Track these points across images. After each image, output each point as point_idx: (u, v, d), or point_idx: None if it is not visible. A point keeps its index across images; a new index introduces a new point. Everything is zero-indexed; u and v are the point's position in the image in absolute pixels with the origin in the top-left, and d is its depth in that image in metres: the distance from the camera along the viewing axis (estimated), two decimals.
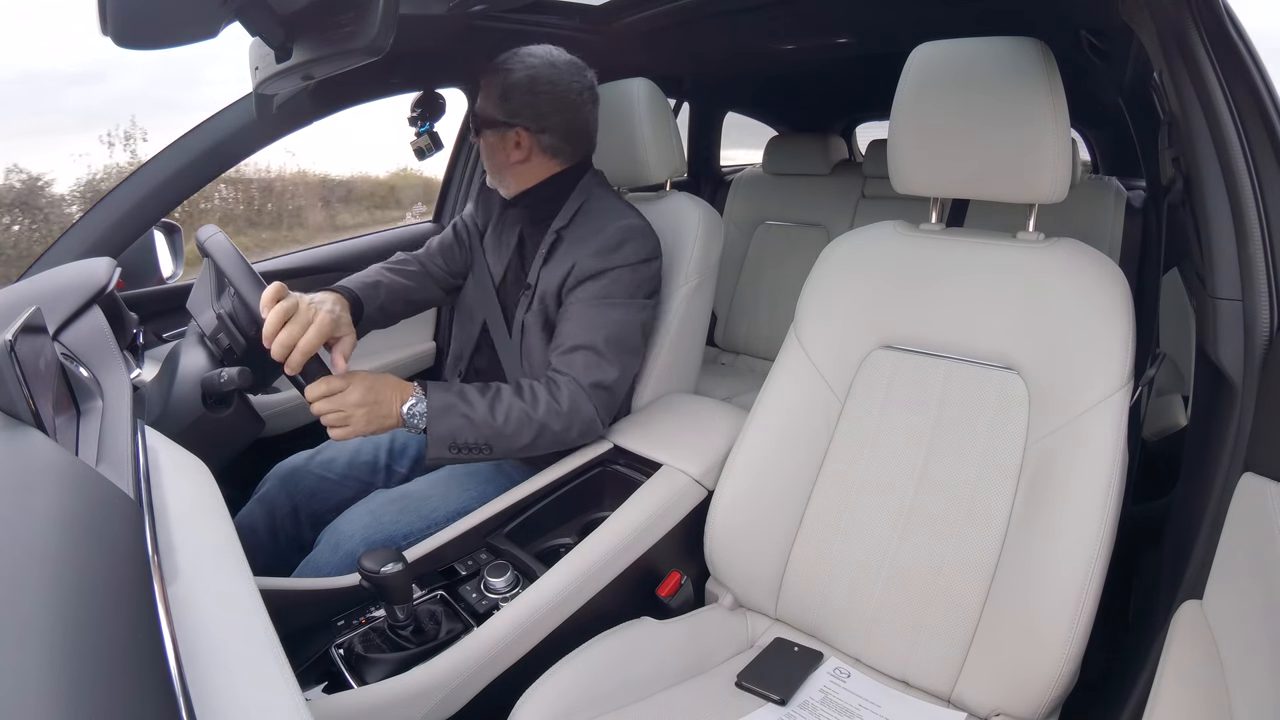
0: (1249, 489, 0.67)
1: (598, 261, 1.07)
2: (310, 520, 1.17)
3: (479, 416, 0.97)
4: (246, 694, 0.41)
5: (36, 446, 0.49)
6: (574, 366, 1.04)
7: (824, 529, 0.97)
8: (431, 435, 0.96)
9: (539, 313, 1.12)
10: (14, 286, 0.97)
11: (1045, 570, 0.78)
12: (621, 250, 1.08)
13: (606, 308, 1.07)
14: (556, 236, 1.12)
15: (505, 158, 1.11)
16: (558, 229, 1.13)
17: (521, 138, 1.09)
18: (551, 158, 1.13)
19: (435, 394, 0.97)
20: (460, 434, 0.96)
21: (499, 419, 0.98)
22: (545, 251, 1.13)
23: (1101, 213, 1.75)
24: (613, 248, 1.07)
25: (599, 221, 1.11)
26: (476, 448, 0.98)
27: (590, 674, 0.82)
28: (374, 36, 0.82)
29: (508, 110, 1.08)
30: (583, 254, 1.08)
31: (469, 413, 0.97)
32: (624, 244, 1.08)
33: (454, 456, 0.98)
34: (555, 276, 1.10)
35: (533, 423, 1.00)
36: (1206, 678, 0.59)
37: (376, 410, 0.93)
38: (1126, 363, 0.80)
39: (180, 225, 1.36)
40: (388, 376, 0.97)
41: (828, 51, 1.80)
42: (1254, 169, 0.77)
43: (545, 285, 1.11)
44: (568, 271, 1.08)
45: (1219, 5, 0.82)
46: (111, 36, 0.81)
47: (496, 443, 0.99)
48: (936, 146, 0.91)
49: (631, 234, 1.09)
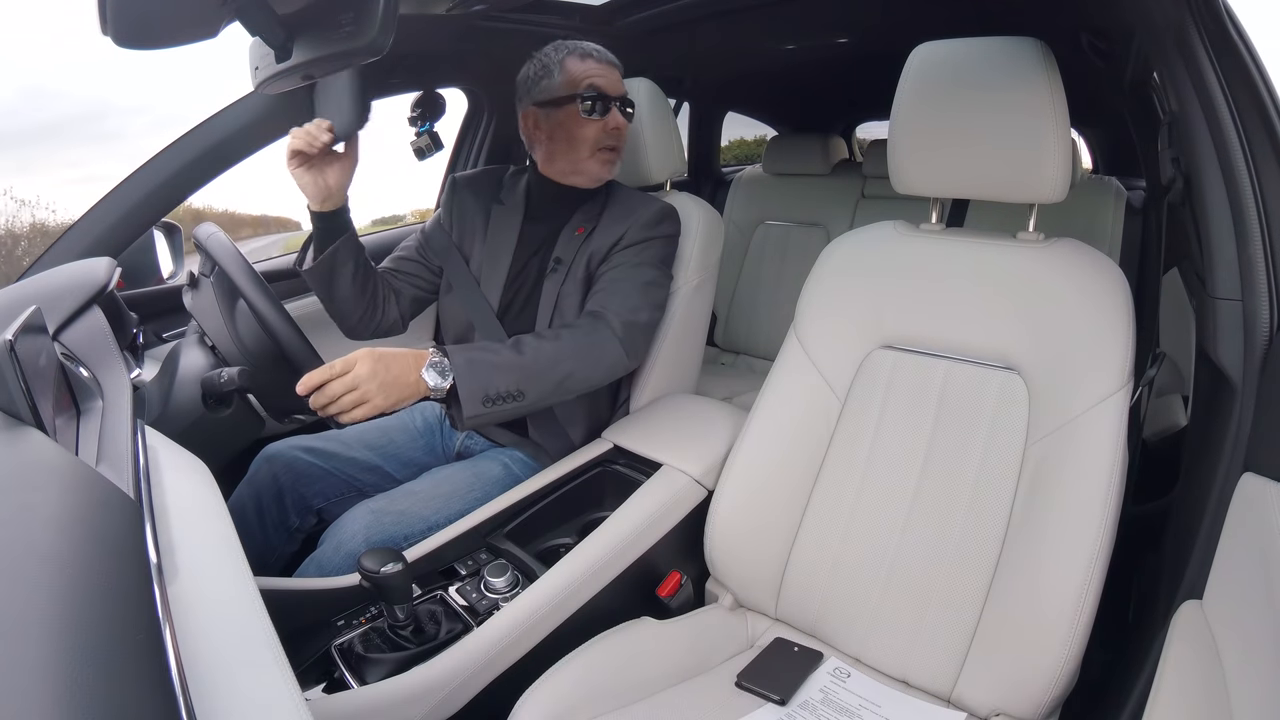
0: (1249, 489, 0.67)
1: (645, 231, 1.16)
2: (295, 504, 1.16)
3: (506, 361, 0.95)
4: (246, 694, 0.41)
5: (36, 446, 0.49)
6: (610, 304, 1.08)
7: (824, 529, 0.97)
8: (464, 393, 0.91)
9: (580, 283, 1.16)
10: (14, 286, 0.97)
11: (1045, 570, 0.78)
12: (662, 225, 1.18)
13: (643, 266, 1.14)
14: (595, 221, 1.19)
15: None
16: (594, 214, 1.19)
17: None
18: None
19: (456, 353, 0.94)
20: (492, 383, 0.93)
21: (526, 359, 0.97)
22: (587, 229, 1.18)
23: (1101, 213, 1.75)
24: (656, 222, 1.17)
25: (639, 203, 1.19)
26: (510, 395, 0.95)
27: (590, 674, 0.82)
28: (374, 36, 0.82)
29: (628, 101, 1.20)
30: (633, 224, 1.16)
31: (495, 360, 0.95)
32: (663, 220, 1.18)
33: (490, 411, 0.94)
34: (603, 245, 1.16)
35: (560, 356, 0.99)
36: (1206, 678, 0.59)
37: (395, 377, 0.89)
38: (1126, 363, 0.80)
39: (180, 225, 1.36)
40: (387, 348, 0.92)
41: (828, 51, 1.80)
42: (1254, 169, 0.77)
43: (589, 253, 1.16)
44: (618, 238, 1.15)
45: (1219, 5, 0.82)
46: (111, 36, 0.81)
47: (529, 385, 0.96)
48: (936, 146, 0.91)
49: (669, 214, 1.20)
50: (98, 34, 0.78)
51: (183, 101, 2.51)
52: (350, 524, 1.03)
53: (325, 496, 1.18)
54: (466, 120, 1.73)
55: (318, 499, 1.18)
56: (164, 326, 1.36)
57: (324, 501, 1.18)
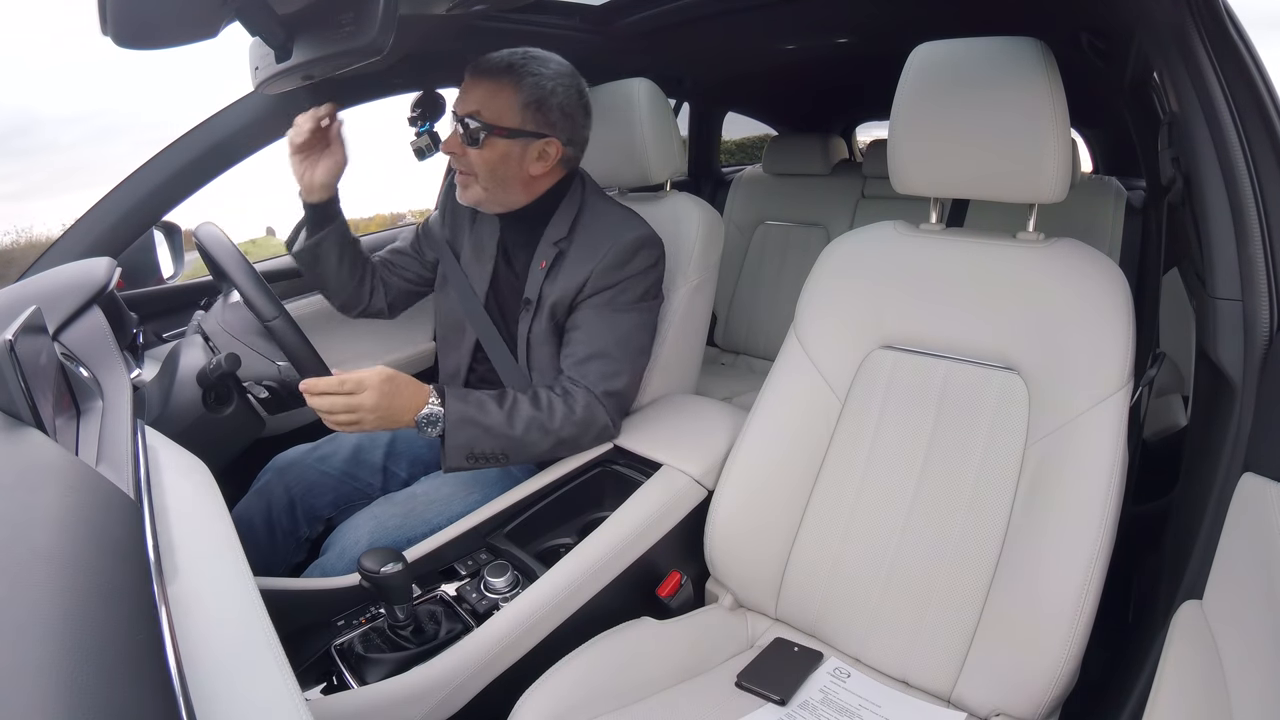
0: (1249, 489, 0.67)
1: (613, 273, 1.06)
2: (306, 514, 1.17)
3: (497, 427, 0.98)
4: (246, 694, 0.41)
5: (36, 446, 0.49)
6: (588, 375, 1.05)
7: (824, 529, 0.97)
8: (449, 445, 0.97)
9: (548, 327, 1.10)
10: (14, 286, 0.97)
11: (1045, 570, 0.78)
12: (633, 262, 1.07)
13: (619, 313, 1.07)
14: (558, 251, 1.09)
15: (520, 169, 1.05)
16: (556, 242, 1.09)
17: (550, 149, 1.05)
18: (564, 168, 1.11)
19: (453, 404, 0.97)
20: (478, 444, 0.98)
21: (517, 430, 0.99)
22: (547, 265, 1.09)
23: (1101, 213, 1.75)
24: (626, 260, 1.06)
25: (605, 231, 1.08)
26: (493, 456, 1.00)
27: (590, 674, 0.82)
28: (374, 36, 0.82)
29: (543, 121, 1.03)
30: (597, 267, 1.06)
31: (487, 424, 0.98)
32: (637, 254, 1.07)
33: (470, 465, 1.00)
34: (567, 289, 1.07)
35: (549, 434, 1.01)
36: (1206, 678, 0.59)
37: (389, 415, 0.93)
38: (1126, 363, 0.80)
39: (180, 225, 1.36)
40: (400, 378, 0.96)
41: (828, 51, 1.80)
42: (1254, 169, 0.77)
43: (553, 300, 1.08)
44: (581, 283, 1.06)
45: (1219, 5, 0.82)
46: (111, 36, 0.81)
47: (514, 452, 1.01)
48: (936, 146, 0.91)
49: (643, 244, 1.08)
50: (97, 36, 0.78)
51: (129, 111, 2.37)
52: (353, 531, 1.03)
53: (335, 505, 1.18)
54: None
55: (328, 508, 1.18)
56: (164, 326, 1.36)
57: (334, 510, 1.18)
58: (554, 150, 1.05)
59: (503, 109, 1.02)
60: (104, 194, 1.20)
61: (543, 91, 1.03)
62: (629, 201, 1.40)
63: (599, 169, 1.37)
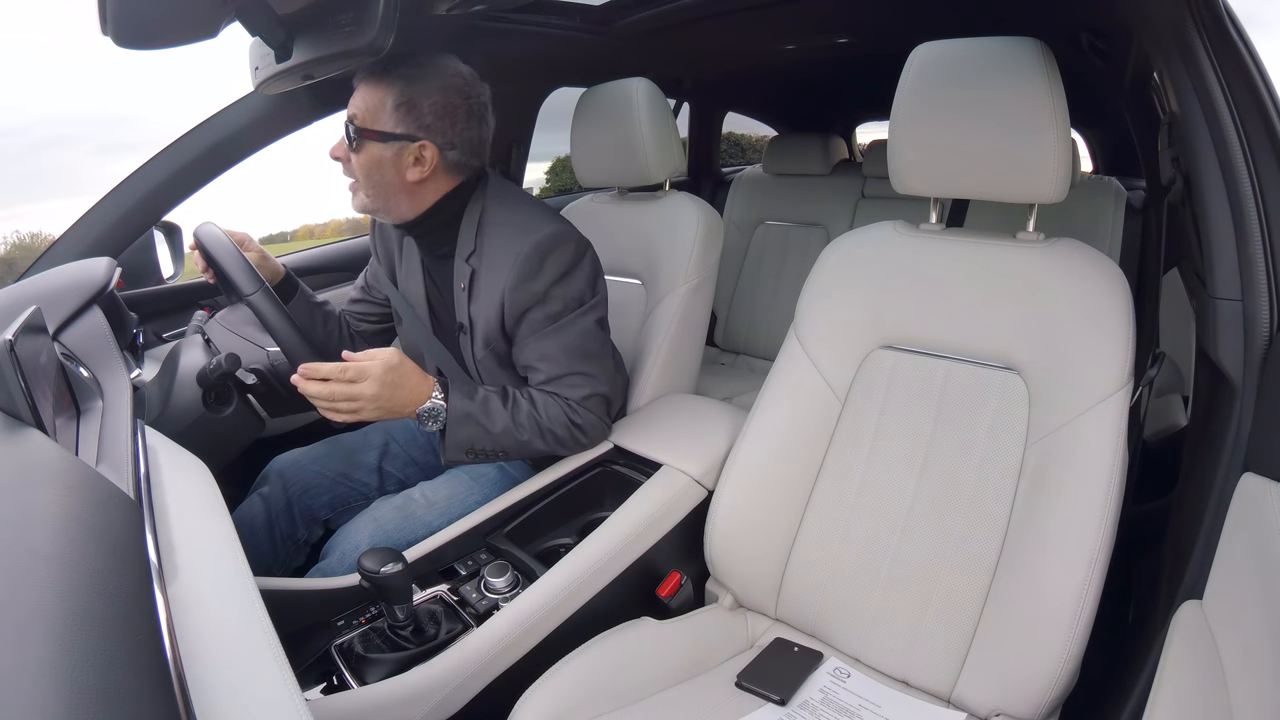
0: (1249, 489, 0.67)
1: (527, 289, 0.99)
2: (304, 516, 1.17)
3: (498, 427, 0.99)
4: (246, 694, 0.41)
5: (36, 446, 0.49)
6: (563, 389, 1.04)
7: (824, 529, 0.97)
8: (449, 440, 0.98)
9: (490, 355, 1.06)
10: (14, 286, 0.97)
11: (1045, 570, 0.78)
12: (545, 269, 0.99)
13: (560, 330, 1.01)
14: (471, 269, 1.03)
15: (397, 176, 0.98)
16: (466, 258, 1.03)
17: (426, 153, 0.97)
18: (453, 175, 1.02)
19: (455, 400, 0.97)
20: (477, 441, 0.99)
21: (517, 428, 1.00)
22: (466, 286, 1.04)
23: (1101, 213, 1.75)
24: (535, 271, 0.98)
25: (508, 239, 1.00)
26: (492, 454, 1.01)
27: (590, 674, 0.82)
28: (374, 36, 0.83)
29: (413, 123, 0.96)
30: (508, 283, 0.98)
31: (488, 424, 0.98)
32: (545, 260, 0.99)
33: (470, 460, 1.01)
34: (490, 314, 1.02)
35: (544, 434, 1.02)
36: (1206, 678, 0.59)
37: (390, 406, 0.92)
38: (1126, 363, 0.80)
39: (180, 225, 1.36)
40: (405, 366, 0.93)
41: (828, 51, 1.80)
42: (1254, 169, 0.77)
43: (483, 325, 1.03)
44: (500, 306, 1.00)
45: (1219, 5, 0.82)
46: (111, 36, 0.81)
47: (514, 451, 1.02)
48: (936, 146, 0.91)
49: (546, 247, 0.99)
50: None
51: (71, 119, 2.26)
52: (353, 535, 1.03)
53: (332, 507, 1.19)
54: None
55: (324, 510, 1.18)
56: (164, 326, 1.36)
57: (330, 512, 1.19)
58: (430, 155, 0.97)
59: (375, 111, 0.96)
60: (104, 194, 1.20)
61: (414, 92, 0.95)
62: (628, 201, 1.40)
63: (599, 169, 1.37)
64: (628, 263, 1.35)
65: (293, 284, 1.19)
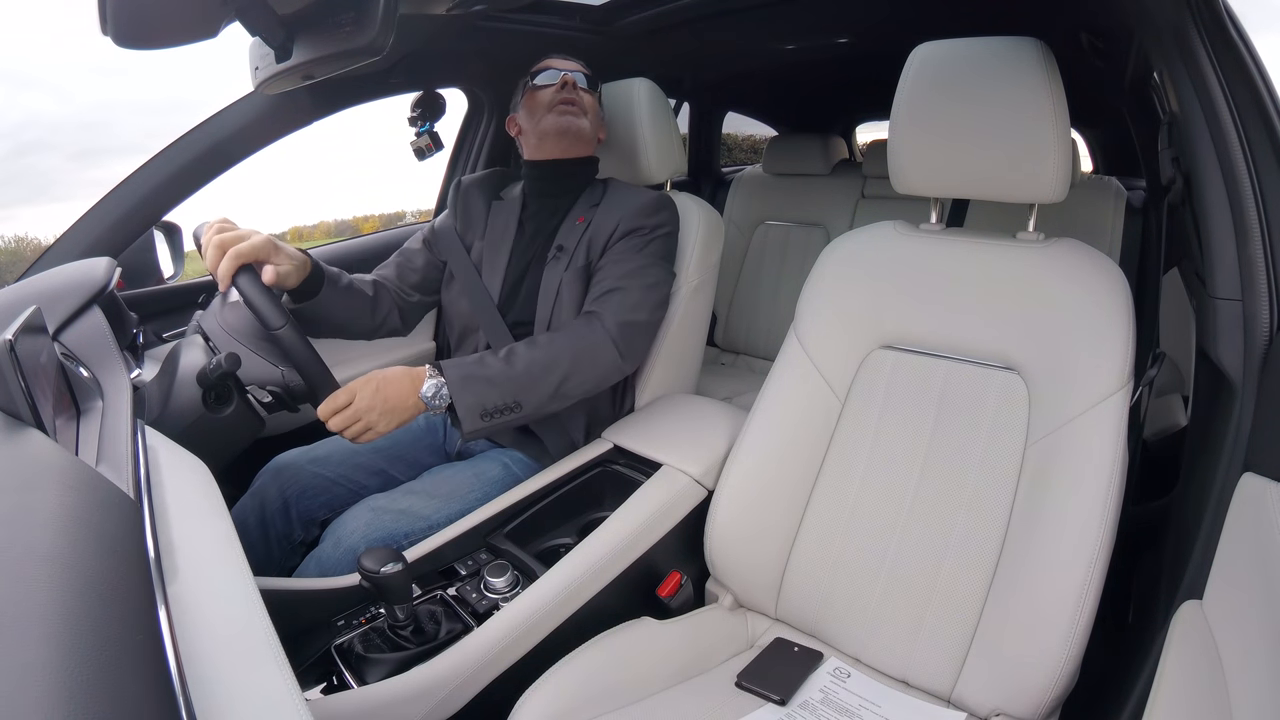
0: (1249, 489, 0.67)
1: (641, 220, 1.15)
2: (301, 517, 1.16)
3: (498, 375, 0.99)
4: (246, 694, 0.41)
5: (36, 446, 0.49)
6: (608, 305, 1.09)
7: (824, 529, 0.97)
8: (460, 409, 0.97)
9: (580, 271, 1.15)
10: (14, 286, 0.97)
11: (1045, 570, 0.78)
12: (660, 214, 1.17)
13: (647, 260, 1.14)
14: (594, 208, 1.19)
15: (596, 123, 1.23)
16: (592, 205, 1.20)
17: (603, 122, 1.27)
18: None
19: (451, 369, 0.98)
20: (488, 398, 0.98)
21: (519, 370, 1.00)
22: (584, 219, 1.18)
23: (1101, 213, 1.75)
24: (653, 210, 1.17)
25: (634, 194, 1.19)
26: (507, 408, 0.99)
27: (590, 674, 0.82)
28: (374, 36, 0.82)
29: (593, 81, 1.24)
30: (628, 211, 1.16)
31: (488, 375, 0.98)
32: (661, 210, 1.18)
33: (489, 424, 0.99)
34: (602, 232, 1.16)
35: (552, 367, 1.02)
36: (1206, 678, 0.59)
37: (392, 404, 0.95)
38: (1126, 363, 0.80)
39: (180, 225, 1.36)
40: (391, 369, 0.98)
41: (828, 51, 1.80)
42: (1254, 169, 0.77)
43: (589, 241, 1.16)
44: (615, 225, 1.15)
45: (1219, 5, 0.82)
46: (111, 36, 0.81)
47: (524, 397, 1.00)
48: (936, 146, 0.91)
49: (665, 203, 1.19)
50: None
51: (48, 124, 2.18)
52: (351, 521, 1.03)
53: (330, 507, 1.18)
54: (466, 120, 1.73)
55: (322, 510, 1.18)
56: (164, 326, 1.36)
57: (328, 512, 1.18)
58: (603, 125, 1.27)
59: (582, 67, 1.23)
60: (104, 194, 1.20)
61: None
62: None
63: (599, 169, 1.37)
64: None
65: (319, 273, 1.14)
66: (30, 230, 3.82)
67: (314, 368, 0.95)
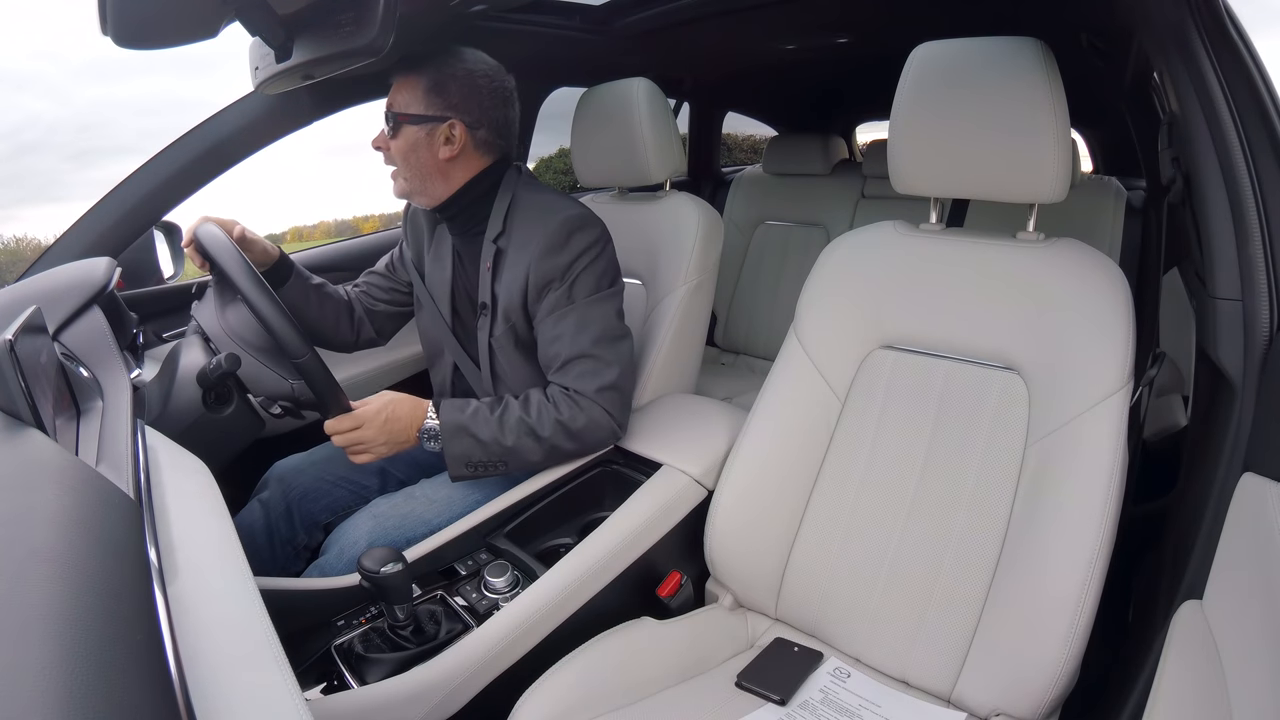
0: (1249, 489, 0.67)
1: (551, 262, 1.03)
2: (304, 521, 1.17)
3: (488, 437, 1.00)
4: (246, 694, 0.41)
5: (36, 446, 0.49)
6: (575, 380, 1.03)
7: (824, 529, 0.97)
8: (449, 456, 1.00)
9: (507, 333, 1.08)
10: (14, 286, 0.97)
11: (1045, 570, 0.78)
12: (570, 244, 1.03)
13: (581, 309, 1.04)
14: (497, 249, 1.07)
15: (430, 156, 1.04)
16: (494, 239, 1.07)
17: (455, 131, 1.03)
18: (483, 155, 1.08)
19: (446, 414, 1.00)
20: (472, 454, 1.00)
21: (509, 440, 1.00)
22: (491, 265, 1.08)
23: (1101, 213, 1.75)
24: (561, 244, 1.03)
25: (536, 219, 1.05)
26: (491, 465, 1.02)
27: (590, 674, 0.82)
28: (374, 36, 0.82)
29: (442, 104, 1.03)
30: (532, 257, 1.03)
31: (479, 434, 1.00)
32: (571, 237, 1.04)
33: (474, 474, 1.02)
34: (513, 289, 1.05)
35: (541, 442, 1.02)
36: (1206, 678, 0.59)
37: (395, 437, 0.99)
38: (1126, 363, 0.80)
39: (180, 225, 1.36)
40: (401, 399, 1.00)
41: (828, 51, 1.80)
42: (1254, 169, 0.77)
43: (505, 301, 1.07)
44: (524, 281, 1.04)
45: (1219, 5, 0.82)
46: (111, 36, 0.81)
47: (511, 461, 1.03)
48: (936, 146, 0.91)
49: (574, 224, 1.04)
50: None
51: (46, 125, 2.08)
52: (353, 531, 1.04)
53: (332, 510, 1.19)
54: None
55: (324, 514, 1.18)
56: (164, 326, 1.36)
57: (331, 516, 1.19)
58: (459, 133, 1.03)
59: (409, 97, 1.04)
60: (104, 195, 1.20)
61: (441, 75, 1.03)
62: (629, 201, 1.41)
63: (599, 169, 1.37)
64: (628, 263, 1.34)
65: (287, 266, 1.17)
66: (30, 230, 3.77)
67: (331, 392, 0.96)
